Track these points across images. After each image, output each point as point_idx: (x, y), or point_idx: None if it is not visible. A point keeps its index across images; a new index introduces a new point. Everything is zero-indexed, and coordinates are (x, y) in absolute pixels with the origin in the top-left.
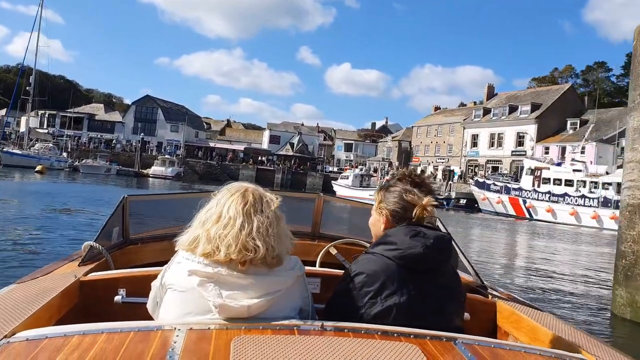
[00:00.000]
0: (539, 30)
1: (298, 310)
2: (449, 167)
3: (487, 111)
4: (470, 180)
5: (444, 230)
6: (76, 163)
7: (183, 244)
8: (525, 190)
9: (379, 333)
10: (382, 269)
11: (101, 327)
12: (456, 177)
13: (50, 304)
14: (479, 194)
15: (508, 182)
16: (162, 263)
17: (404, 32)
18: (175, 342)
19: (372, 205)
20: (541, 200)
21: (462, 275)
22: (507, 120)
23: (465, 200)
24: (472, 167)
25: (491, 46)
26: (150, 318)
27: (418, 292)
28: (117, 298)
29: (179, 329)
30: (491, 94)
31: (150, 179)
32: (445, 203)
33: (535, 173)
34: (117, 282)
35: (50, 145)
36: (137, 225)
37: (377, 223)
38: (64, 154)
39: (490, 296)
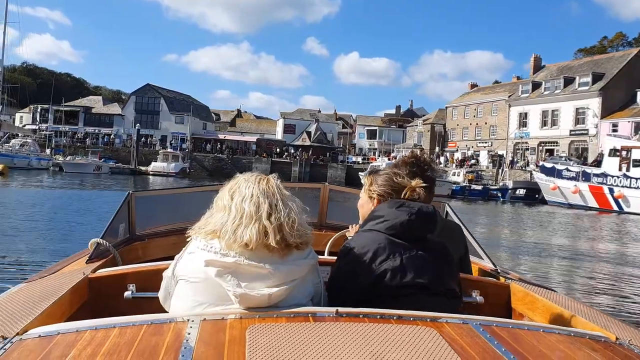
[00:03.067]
0: (546, 12)
1: (311, 297)
2: (492, 151)
3: (536, 85)
4: (532, 166)
5: (457, 220)
6: (60, 160)
7: (199, 232)
8: (612, 176)
9: (394, 318)
10: (372, 240)
11: (113, 322)
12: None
13: (60, 301)
14: (547, 182)
15: (586, 167)
16: (169, 258)
17: (410, 19)
18: (189, 334)
19: None
20: (635, 188)
21: (475, 260)
22: (563, 95)
23: (524, 191)
24: (520, 151)
25: (499, 30)
26: (161, 312)
27: (410, 257)
28: (127, 294)
29: (193, 320)
30: (538, 66)
31: (151, 177)
32: (500, 195)
33: (622, 154)
34: (126, 277)
35: (29, 141)
36: (143, 221)
37: (366, 205)
38: (47, 151)
39: (503, 279)
